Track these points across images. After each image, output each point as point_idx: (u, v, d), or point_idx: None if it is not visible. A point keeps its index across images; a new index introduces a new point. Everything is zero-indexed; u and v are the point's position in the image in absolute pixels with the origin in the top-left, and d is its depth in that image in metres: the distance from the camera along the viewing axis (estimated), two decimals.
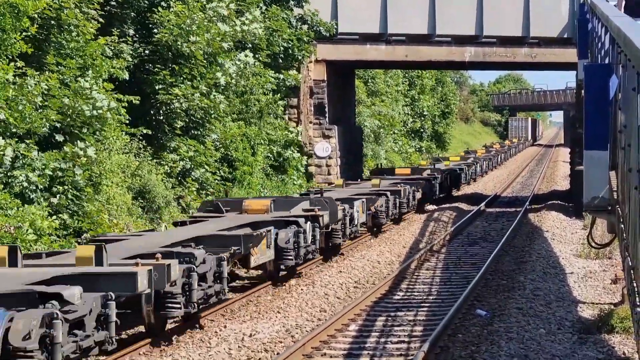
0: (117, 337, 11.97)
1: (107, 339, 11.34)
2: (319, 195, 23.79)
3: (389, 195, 28.69)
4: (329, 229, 22.10)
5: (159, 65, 26.59)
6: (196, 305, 14.06)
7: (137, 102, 23.34)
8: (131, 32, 26.48)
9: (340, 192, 27.84)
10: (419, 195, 33.83)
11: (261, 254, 17.41)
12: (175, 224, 19.93)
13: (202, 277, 14.37)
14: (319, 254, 21.50)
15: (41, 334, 10.02)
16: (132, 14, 26.61)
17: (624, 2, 20.52)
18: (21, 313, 10.14)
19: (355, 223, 24.29)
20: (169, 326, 14.72)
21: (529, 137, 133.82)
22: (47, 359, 10.13)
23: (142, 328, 14.34)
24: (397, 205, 29.86)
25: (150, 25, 26.90)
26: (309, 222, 19.95)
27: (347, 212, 23.44)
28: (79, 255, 12.77)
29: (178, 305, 13.57)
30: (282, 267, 19.45)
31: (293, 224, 19.23)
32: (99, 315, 11.23)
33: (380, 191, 28.69)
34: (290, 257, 18.70)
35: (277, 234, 18.34)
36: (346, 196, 25.80)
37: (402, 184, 31.64)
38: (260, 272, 19.78)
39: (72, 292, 10.75)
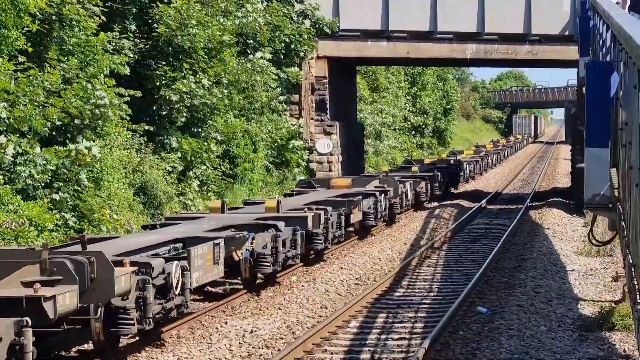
0: None
1: (296, 255, 18.99)
2: (385, 175, 31.79)
3: (427, 179, 36.17)
4: (391, 202, 28.74)
5: (159, 61, 26.58)
6: (330, 243, 21.74)
7: (139, 95, 23.36)
8: (133, 27, 26.48)
9: (390, 175, 33.52)
10: (447, 180, 41.36)
11: (356, 215, 24.15)
12: (285, 195, 26.48)
13: (331, 225, 21.28)
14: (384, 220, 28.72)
15: (271, 246, 17.36)
16: (134, 9, 26.61)
17: (628, 1, 20.48)
18: (259, 234, 17.33)
19: (408, 199, 31.88)
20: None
21: (532, 134, 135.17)
22: (273, 260, 17.50)
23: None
24: (432, 187, 37.20)
25: (151, 21, 26.90)
26: (382, 195, 27.21)
27: (403, 190, 30.82)
28: (267, 206, 20.15)
29: (321, 242, 20.52)
30: (365, 225, 26.12)
31: (372, 196, 26.17)
32: (291, 240, 18.55)
33: (420, 176, 36.10)
34: (371, 219, 25.92)
35: (362, 202, 24.79)
36: (398, 178, 31.88)
37: (435, 171, 38.90)
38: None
39: (282, 224, 18.10)
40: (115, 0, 25.52)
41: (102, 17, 23.32)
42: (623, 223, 11.00)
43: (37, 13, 20.50)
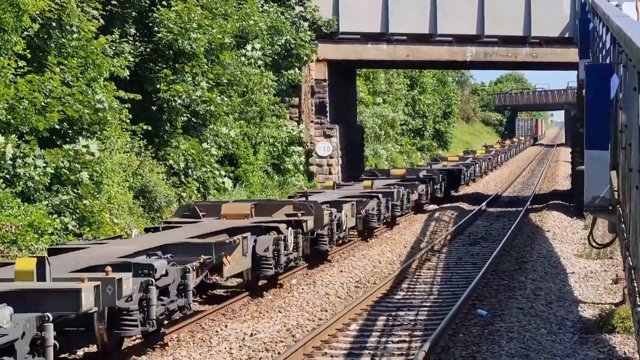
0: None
1: (389, 216, 28.27)
2: (430, 167, 44.06)
3: (455, 172, 46.11)
4: (434, 188, 38.00)
5: (160, 64, 26.58)
6: (403, 212, 30.83)
7: (138, 98, 23.35)
8: (132, 31, 26.47)
9: (433, 167, 43.91)
10: (470, 171, 51.93)
11: (414, 195, 32.78)
12: (361, 180, 33.37)
13: (404, 199, 30.48)
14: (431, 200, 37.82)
15: (376, 209, 26.23)
16: (134, 13, 26.60)
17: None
18: (370, 201, 25.77)
19: (444, 186, 41.14)
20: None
21: (534, 136, 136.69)
22: (377, 219, 26.12)
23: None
24: (460, 178, 47.13)
25: (151, 24, 26.89)
26: (430, 182, 36.84)
27: (443, 178, 40.85)
28: (364, 185, 28.86)
29: (399, 210, 29.61)
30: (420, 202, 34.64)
31: (424, 182, 35.32)
32: (385, 206, 27.39)
33: (452, 169, 45.83)
34: (424, 199, 35.02)
35: (418, 186, 33.77)
36: (439, 170, 42.21)
37: (462, 165, 49.48)
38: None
39: (380, 195, 27.17)
40: (114, 4, 25.51)
41: (102, 21, 23.29)
42: (623, 225, 10.99)
43: (37, 17, 20.47)
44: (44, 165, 19.37)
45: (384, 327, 15.61)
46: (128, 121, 23.31)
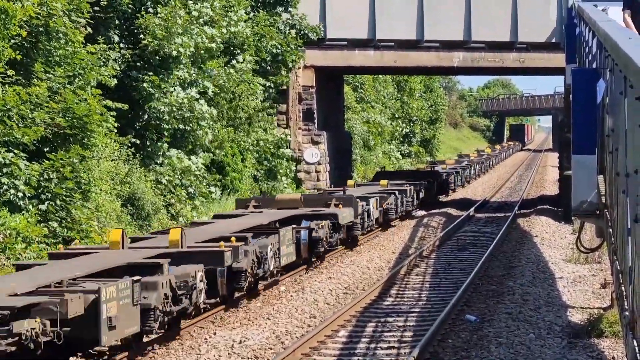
0: None
1: (417, 204, 37.17)
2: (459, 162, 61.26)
3: (477, 163, 63.92)
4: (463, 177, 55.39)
5: (146, 71, 26.51)
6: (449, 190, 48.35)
7: (125, 108, 23.27)
8: (116, 38, 26.32)
9: (457, 161, 61.07)
10: (486, 164, 70.72)
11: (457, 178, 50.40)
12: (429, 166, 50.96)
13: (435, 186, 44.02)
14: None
15: (412, 195, 36.38)
16: (117, 21, 26.46)
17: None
18: (401, 193, 34.28)
19: (472, 172, 59.92)
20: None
21: (523, 140, 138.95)
22: (414, 202, 36.05)
23: None
24: (482, 168, 66.13)
25: (136, 31, 26.80)
26: (463, 170, 53.35)
27: (468, 170, 58.19)
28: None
29: (447, 189, 47.05)
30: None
31: (454, 173, 50.14)
32: (416, 193, 37.17)
33: (476, 160, 65.19)
34: (451, 186, 48.66)
35: (462, 170, 53.51)
36: (465, 164, 59.20)
37: (480, 160, 68.74)
38: None
39: (423, 183, 39.81)
40: (97, 10, 25.43)
41: (89, 29, 23.21)
42: (610, 230, 11.01)
43: (25, 24, 20.41)
44: (29, 176, 19.26)
45: (373, 333, 15.60)
46: (115, 130, 23.22)
